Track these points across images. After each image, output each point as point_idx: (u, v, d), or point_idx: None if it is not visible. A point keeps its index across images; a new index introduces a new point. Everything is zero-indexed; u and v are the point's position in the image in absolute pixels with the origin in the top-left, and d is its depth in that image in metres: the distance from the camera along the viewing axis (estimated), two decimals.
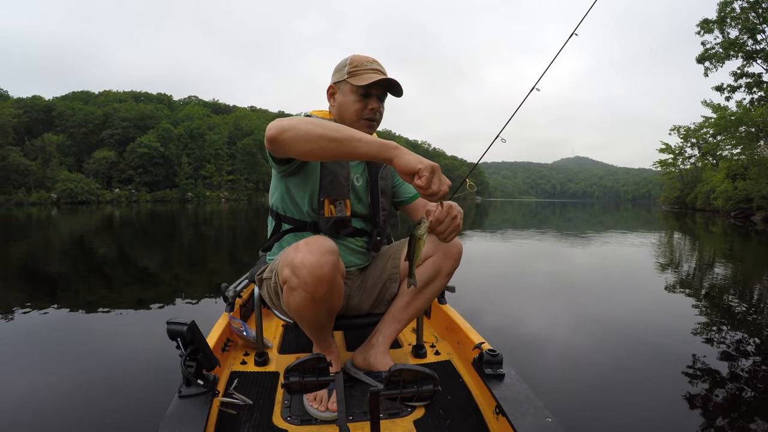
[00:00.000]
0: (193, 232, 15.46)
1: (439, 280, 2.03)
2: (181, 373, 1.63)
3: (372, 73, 1.91)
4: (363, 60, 1.94)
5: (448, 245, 2.00)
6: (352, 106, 1.93)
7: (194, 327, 1.60)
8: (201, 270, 7.43)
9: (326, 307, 1.73)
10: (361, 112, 1.93)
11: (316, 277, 1.59)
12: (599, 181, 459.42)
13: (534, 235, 14.59)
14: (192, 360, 1.63)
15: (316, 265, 1.58)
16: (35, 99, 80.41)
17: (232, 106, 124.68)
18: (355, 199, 2.03)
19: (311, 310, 1.70)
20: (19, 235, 14.07)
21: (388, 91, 2.00)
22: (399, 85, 1.94)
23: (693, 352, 3.46)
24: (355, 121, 1.93)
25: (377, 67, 1.95)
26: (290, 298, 1.69)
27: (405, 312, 2.06)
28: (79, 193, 62.57)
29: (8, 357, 3.33)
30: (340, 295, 1.80)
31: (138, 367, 3.09)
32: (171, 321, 1.60)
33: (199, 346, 1.63)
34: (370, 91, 1.93)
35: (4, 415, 2.41)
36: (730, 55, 33.29)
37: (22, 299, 5.13)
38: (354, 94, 1.92)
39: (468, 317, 2.53)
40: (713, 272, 7.77)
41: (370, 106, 1.93)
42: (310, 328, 1.86)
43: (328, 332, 1.94)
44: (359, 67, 1.92)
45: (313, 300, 1.65)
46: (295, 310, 1.72)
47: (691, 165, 55.23)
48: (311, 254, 1.59)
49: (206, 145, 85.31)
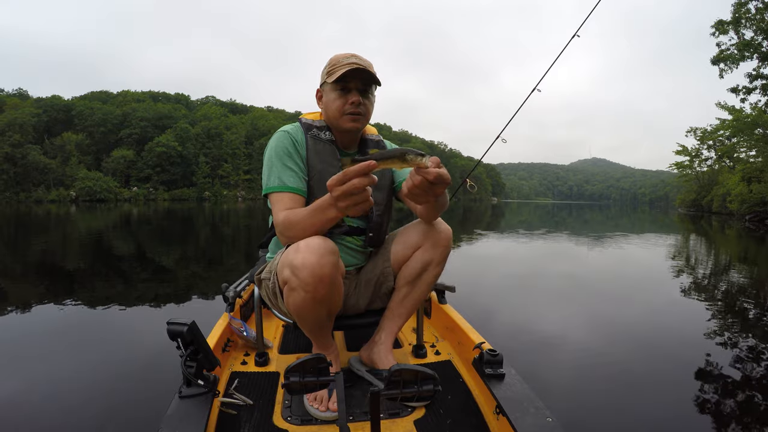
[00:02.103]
0: (208, 231, 15.55)
1: (432, 269, 2.04)
2: (181, 373, 1.64)
3: (346, 67, 1.87)
4: (340, 57, 1.92)
5: (435, 233, 2.01)
6: (332, 104, 1.93)
7: (194, 327, 1.61)
8: (212, 269, 7.46)
9: (326, 307, 1.73)
10: (342, 108, 1.91)
11: (317, 277, 1.60)
12: (616, 183, 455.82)
13: (548, 236, 14.50)
14: (192, 360, 1.64)
15: (317, 265, 1.59)
16: (54, 99, 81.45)
17: (249, 106, 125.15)
18: None
19: (312, 311, 1.71)
20: (33, 231, 14.22)
21: (366, 82, 1.93)
22: (368, 72, 1.88)
23: (702, 356, 3.41)
24: (339, 118, 1.93)
25: (354, 60, 1.90)
26: (291, 299, 1.70)
27: (403, 306, 2.08)
28: (97, 191, 63.44)
29: (8, 355, 3.34)
30: (340, 296, 1.80)
31: (138, 366, 3.09)
32: (171, 321, 1.61)
33: (199, 346, 1.64)
34: (348, 85, 1.91)
35: (4, 414, 2.42)
36: (745, 57, 32.77)
37: (24, 296, 5.22)
38: (334, 92, 1.92)
39: (476, 317, 2.53)
40: (725, 276, 7.65)
41: (350, 100, 1.90)
42: (310, 329, 1.86)
43: (328, 332, 1.94)
44: (336, 65, 1.90)
45: (313, 300, 1.66)
46: (295, 310, 1.73)
47: (708, 167, 54.66)
48: (312, 255, 1.59)
49: (223, 144, 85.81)
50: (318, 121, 2.05)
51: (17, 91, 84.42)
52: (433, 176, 1.39)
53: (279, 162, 1.88)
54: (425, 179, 1.41)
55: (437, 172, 1.39)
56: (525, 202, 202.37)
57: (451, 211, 34.75)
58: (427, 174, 1.40)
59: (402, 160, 1.37)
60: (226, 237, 13.37)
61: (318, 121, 2.05)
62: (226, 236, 13.69)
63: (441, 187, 1.45)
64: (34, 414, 2.41)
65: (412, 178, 1.45)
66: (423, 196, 1.49)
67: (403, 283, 2.06)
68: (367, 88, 1.95)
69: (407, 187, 1.50)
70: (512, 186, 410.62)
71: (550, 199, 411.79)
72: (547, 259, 9.30)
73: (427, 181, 1.41)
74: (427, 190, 1.45)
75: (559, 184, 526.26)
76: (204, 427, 1.46)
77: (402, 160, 1.37)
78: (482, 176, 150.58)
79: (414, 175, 1.44)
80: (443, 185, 1.46)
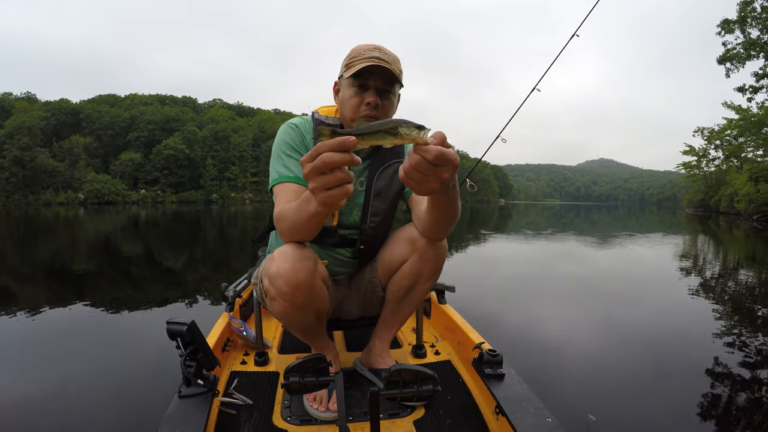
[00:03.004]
0: (215, 233, 15.57)
1: (422, 284, 1.89)
2: (181, 373, 1.64)
3: (366, 61, 1.67)
4: (362, 49, 1.72)
5: (424, 245, 1.80)
6: (348, 101, 1.75)
7: (194, 327, 1.61)
8: (218, 270, 7.47)
9: (311, 312, 1.71)
10: (357, 108, 1.72)
11: (292, 285, 1.57)
12: (624, 183, 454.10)
13: (555, 237, 14.45)
14: (192, 360, 1.64)
15: (291, 273, 1.56)
16: (62, 102, 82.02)
17: (256, 109, 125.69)
18: (348, 207, 1.90)
19: (295, 317, 1.70)
20: (42, 234, 14.30)
21: (387, 80, 1.73)
22: (391, 71, 1.68)
23: (708, 357, 3.38)
24: (354, 118, 1.73)
25: (377, 54, 1.69)
26: (273, 307, 1.69)
27: (395, 317, 2.00)
28: (105, 194, 63.88)
29: (8, 356, 3.36)
30: (324, 299, 1.75)
31: (138, 366, 3.10)
32: (171, 321, 1.61)
33: (198, 346, 1.64)
34: (366, 83, 1.71)
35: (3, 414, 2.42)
36: (751, 56, 32.58)
37: (27, 297, 5.25)
38: (351, 88, 1.73)
39: (478, 316, 2.52)
40: (732, 277, 7.59)
41: (366, 100, 1.71)
42: (300, 333, 1.86)
43: (322, 335, 1.92)
44: (356, 57, 1.71)
45: (294, 307, 1.63)
46: (280, 317, 1.73)
47: (716, 167, 54.36)
48: (285, 263, 1.57)
49: (231, 147, 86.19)
50: (331, 118, 1.88)
51: (25, 95, 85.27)
52: (433, 155, 1.07)
53: (282, 154, 1.78)
54: (424, 159, 1.09)
55: (438, 150, 1.07)
56: (533, 203, 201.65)
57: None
58: (426, 152, 1.08)
59: (394, 135, 1.06)
60: (234, 239, 13.38)
61: (331, 118, 1.87)
62: (233, 238, 13.70)
63: (445, 170, 1.12)
64: (33, 414, 2.41)
65: (410, 158, 1.12)
66: (424, 183, 1.14)
67: (392, 297, 1.95)
68: (388, 87, 1.74)
69: (403, 170, 1.15)
70: (520, 187, 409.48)
71: (557, 201, 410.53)
72: (553, 260, 9.24)
73: (426, 162, 1.09)
74: (427, 173, 1.11)
75: (567, 185, 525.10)
76: (204, 426, 1.45)
77: (394, 135, 1.06)
78: (489, 178, 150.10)
79: (412, 154, 1.11)
80: (449, 168, 1.12)
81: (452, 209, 1.52)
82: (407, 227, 1.88)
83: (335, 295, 2.01)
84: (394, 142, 1.07)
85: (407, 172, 1.13)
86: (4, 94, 78.77)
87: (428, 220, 1.68)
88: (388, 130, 1.05)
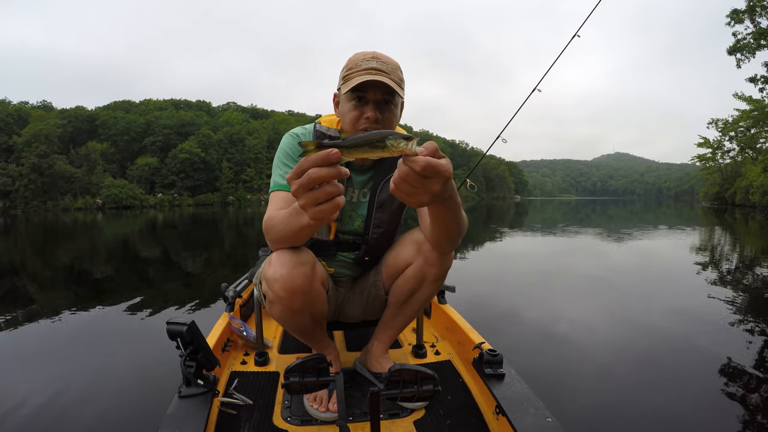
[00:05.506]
0: (233, 234, 15.66)
1: (425, 288, 1.86)
2: (181, 373, 1.66)
3: (363, 73, 1.61)
4: (359, 59, 1.66)
5: (429, 249, 1.77)
6: (347, 115, 1.69)
7: (194, 327, 1.63)
8: (235, 270, 7.50)
9: (308, 315, 1.72)
10: (357, 122, 1.66)
11: (289, 290, 1.58)
12: (640, 177, 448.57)
13: (571, 233, 14.36)
14: (192, 360, 1.66)
15: (288, 278, 1.57)
16: (78, 109, 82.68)
17: (270, 111, 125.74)
18: (350, 217, 1.91)
19: (293, 321, 1.72)
20: (61, 238, 14.49)
21: (387, 91, 1.65)
22: (389, 86, 1.61)
23: (714, 355, 3.32)
24: (353, 132, 1.65)
25: (374, 65, 1.62)
26: (272, 310, 1.70)
27: (396, 320, 1.99)
28: (123, 198, 64.35)
29: (7, 356, 3.40)
30: (322, 302, 1.75)
31: (138, 366, 3.12)
32: (171, 321, 1.63)
33: (198, 346, 1.65)
34: (365, 96, 1.64)
35: (3, 414, 2.44)
36: (761, 45, 32.04)
37: (33, 298, 5.34)
38: (349, 102, 1.68)
39: (480, 316, 2.51)
40: (741, 271, 7.48)
41: (366, 115, 1.64)
42: (299, 335, 1.87)
43: (322, 336, 1.92)
44: (353, 69, 1.65)
45: (291, 311, 1.65)
46: (278, 320, 1.74)
47: (731, 159, 53.57)
48: (282, 267, 1.58)
49: (246, 149, 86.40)
50: (333, 129, 1.85)
51: (41, 103, 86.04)
52: (421, 166, 1.01)
53: (280, 163, 1.79)
54: (412, 170, 1.02)
55: (426, 161, 1.00)
56: (548, 199, 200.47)
57: (474, 210, 34.59)
58: (413, 163, 1.01)
59: (381, 147, 1.00)
60: (251, 240, 13.41)
61: (332, 130, 1.85)
62: (251, 239, 13.71)
63: (435, 181, 1.06)
64: (34, 414, 2.44)
65: (399, 170, 1.06)
66: (414, 195, 1.09)
67: (393, 300, 1.94)
68: (388, 98, 1.67)
69: (392, 182, 1.09)
70: (535, 183, 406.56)
71: (574, 196, 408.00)
72: (568, 256, 9.18)
73: (415, 173, 1.03)
74: (416, 184, 1.05)
75: (583, 180, 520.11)
76: (204, 426, 1.47)
77: (381, 147, 1.00)
78: (505, 174, 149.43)
79: (401, 165, 1.05)
80: (439, 180, 1.06)
81: (453, 221, 1.45)
82: (415, 231, 1.87)
83: (336, 297, 2.01)
84: (382, 154, 1.01)
85: (396, 183, 1.08)
86: (21, 103, 79.50)
87: (431, 232, 1.65)
88: (374, 142, 1.00)
